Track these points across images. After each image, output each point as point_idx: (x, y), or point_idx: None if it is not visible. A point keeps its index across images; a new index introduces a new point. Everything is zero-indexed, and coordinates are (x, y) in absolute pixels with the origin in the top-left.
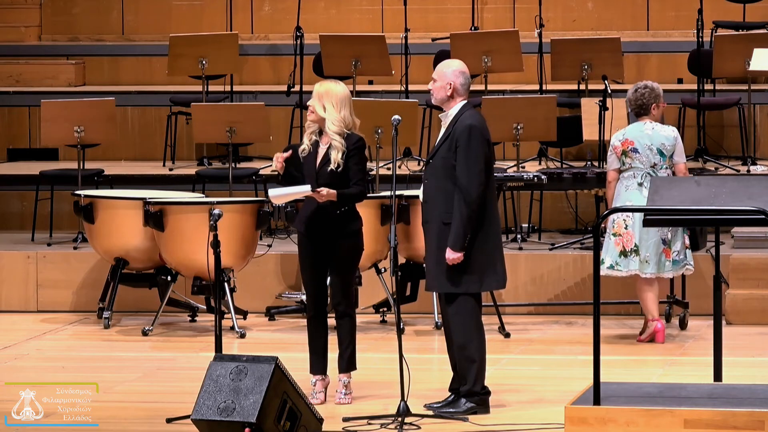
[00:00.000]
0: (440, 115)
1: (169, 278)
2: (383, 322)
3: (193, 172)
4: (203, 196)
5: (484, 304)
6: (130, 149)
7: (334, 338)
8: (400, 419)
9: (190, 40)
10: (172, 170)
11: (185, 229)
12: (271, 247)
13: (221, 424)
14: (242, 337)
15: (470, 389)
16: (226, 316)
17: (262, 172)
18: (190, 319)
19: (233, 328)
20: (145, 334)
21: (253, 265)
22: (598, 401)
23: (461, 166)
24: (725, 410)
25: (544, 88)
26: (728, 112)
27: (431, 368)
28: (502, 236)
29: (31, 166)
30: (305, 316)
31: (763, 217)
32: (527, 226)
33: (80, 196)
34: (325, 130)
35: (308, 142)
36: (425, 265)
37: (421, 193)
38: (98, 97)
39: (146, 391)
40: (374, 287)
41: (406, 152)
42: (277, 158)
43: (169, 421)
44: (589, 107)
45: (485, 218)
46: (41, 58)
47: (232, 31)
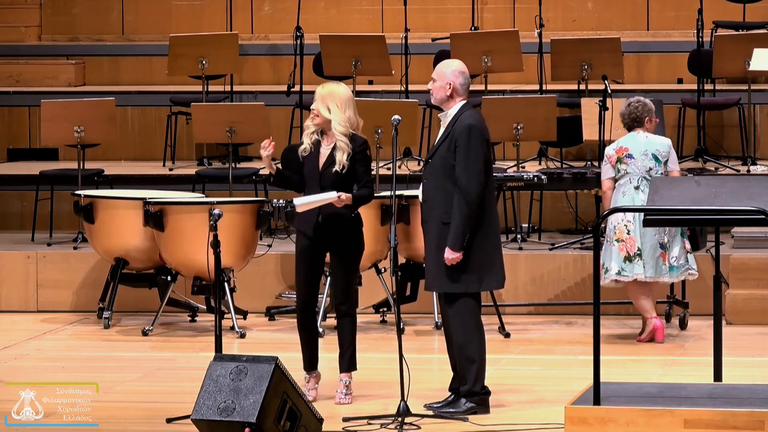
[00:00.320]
0: (440, 114)
1: (169, 278)
2: (383, 322)
3: (193, 172)
4: (203, 196)
5: (484, 304)
6: (130, 149)
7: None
8: (400, 419)
9: (190, 40)
10: (172, 170)
11: (185, 229)
12: (271, 247)
13: (221, 424)
14: (242, 337)
15: (470, 389)
16: (226, 316)
17: (262, 172)
18: (190, 319)
19: (233, 328)
20: (145, 334)
21: (253, 265)
22: (598, 401)
23: (461, 165)
24: (725, 410)
25: (544, 88)
26: (728, 112)
27: (431, 368)
28: (501, 236)
29: (31, 166)
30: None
31: (763, 217)
32: (527, 226)
33: (80, 196)
34: (330, 131)
35: (309, 141)
36: (425, 264)
37: (420, 192)
38: (98, 97)
39: (146, 391)
40: (374, 287)
41: (406, 152)
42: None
43: (169, 421)
44: (589, 107)
45: (484, 218)
46: (41, 58)
47: (232, 31)
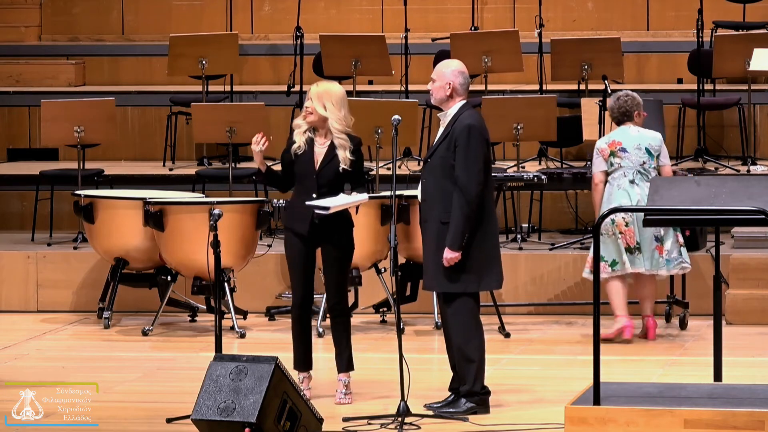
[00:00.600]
0: (439, 114)
1: (169, 278)
2: (383, 322)
3: (193, 172)
4: (203, 196)
5: (484, 304)
6: (130, 149)
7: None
8: (400, 419)
9: (190, 40)
10: (172, 170)
11: (185, 229)
12: (271, 247)
13: (221, 424)
14: (242, 337)
15: (470, 389)
16: (226, 316)
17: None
18: (190, 319)
19: (233, 328)
20: (145, 334)
21: (253, 265)
22: (598, 401)
23: (460, 165)
24: (725, 410)
25: (544, 88)
26: (728, 112)
27: (431, 368)
28: (501, 236)
29: (31, 166)
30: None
31: (763, 217)
32: (527, 226)
33: (80, 196)
34: (322, 129)
35: (303, 139)
36: (423, 264)
37: (419, 192)
38: (98, 97)
39: (146, 391)
40: (374, 287)
41: (406, 152)
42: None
43: (169, 421)
44: (589, 107)
45: (483, 218)
46: (41, 58)
47: (232, 31)
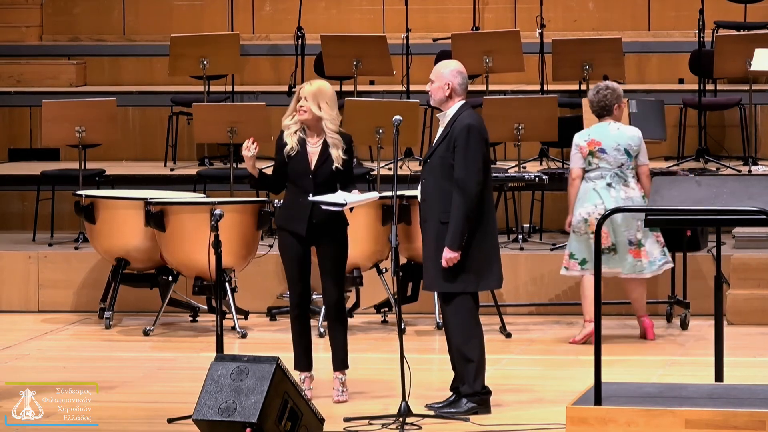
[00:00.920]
0: (438, 114)
1: (170, 278)
2: (384, 322)
3: (194, 172)
4: (204, 196)
5: (485, 304)
6: (131, 149)
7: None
8: (401, 419)
9: (191, 40)
10: (173, 170)
11: (186, 229)
12: (272, 247)
13: (222, 424)
14: (243, 337)
15: (471, 389)
16: (227, 316)
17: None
18: (191, 319)
19: (234, 328)
20: (146, 334)
21: (254, 265)
22: (599, 401)
23: (460, 165)
24: (726, 410)
25: (545, 88)
26: (729, 112)
27: (432, 368)
28: (502, 236)
29: (32, 166)
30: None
31: (763, 217)
32: (528, 226)
33: (81, 196)
34: (314, 128)
35: (295, 140)
36: (423, 264)
37: (419, 192)
38: (99, 97)
39: (147, 391)
40: (375, 287)
41: (407, 152)
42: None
43: (170, 421)
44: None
45: (483, 217)
46: (42, 58)
47: (233, 31)
